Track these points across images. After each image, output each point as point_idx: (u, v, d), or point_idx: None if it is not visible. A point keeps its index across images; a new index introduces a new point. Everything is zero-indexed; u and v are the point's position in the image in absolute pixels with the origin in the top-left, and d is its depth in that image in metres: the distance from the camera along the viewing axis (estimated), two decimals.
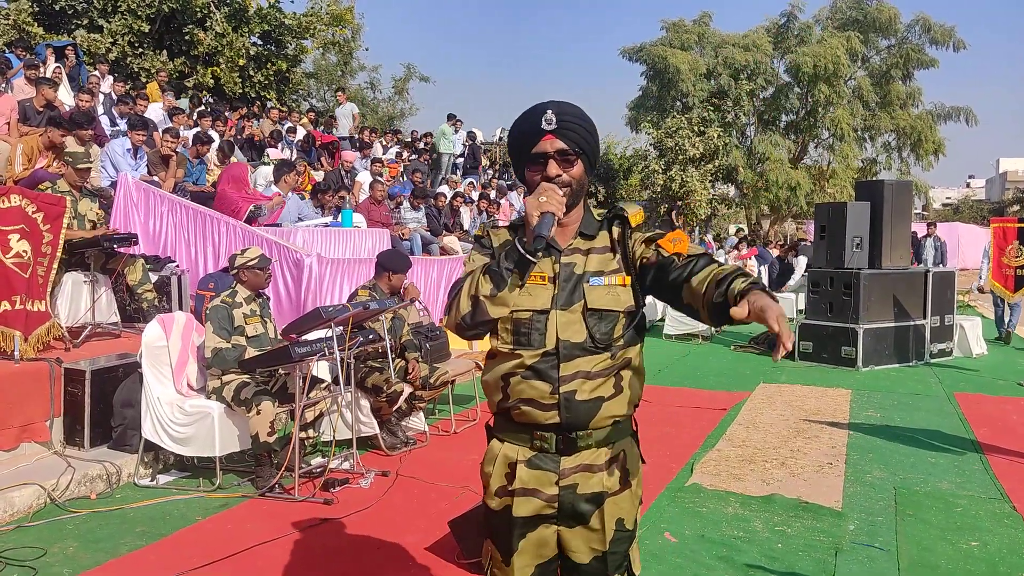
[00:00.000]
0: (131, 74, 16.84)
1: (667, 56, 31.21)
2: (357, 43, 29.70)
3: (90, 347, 6.03)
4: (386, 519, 4.62)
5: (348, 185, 13.01)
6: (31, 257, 5.54)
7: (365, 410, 5.93)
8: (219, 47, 18.30)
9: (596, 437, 2.21)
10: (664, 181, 29.94)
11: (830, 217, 10.46)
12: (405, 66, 36.00)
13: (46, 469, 4.89)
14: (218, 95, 18.35)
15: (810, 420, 7.09)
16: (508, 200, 17.28)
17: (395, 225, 11.69)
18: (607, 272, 2.23)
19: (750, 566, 4.01)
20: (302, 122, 16.61)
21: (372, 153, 15.91)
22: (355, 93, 32.64)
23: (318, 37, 22.54)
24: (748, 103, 32.29)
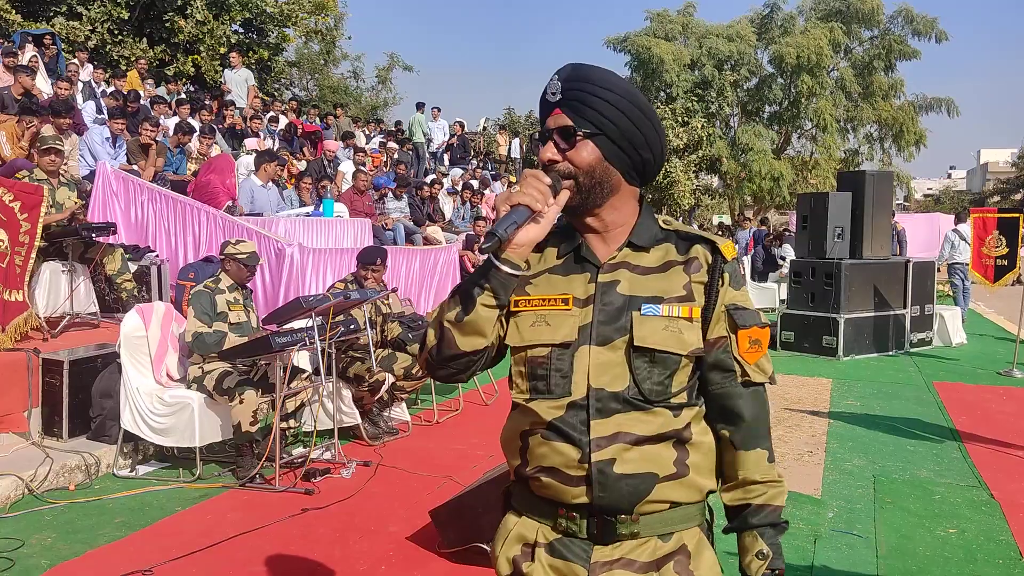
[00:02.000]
0: (111, 62, 16.65)
1: (651, 46, 31.20)
2: (340, 31, 29.51)
3: (68, 337, 5.98)
4: (367, 509, 4.61)
5: (330, 175, 12.95)
6: (8, 246, 5.48)
7: (347, 400, 5.92)
8: (200, 35, 18.13)
9: (646, 523, 1.60)
10: None
11: (812, 207, 10.51)
12: (388, 55, 35.74)
13: (24, 460, 4.85)
14: (198, 83, 18.18)
15: (791, 409, 7.13)
16: (492, 190, 17.25)
17: (378, 215, 11.65)
18: (667, 299, 1.61)
19: (730, 553, 4.02)
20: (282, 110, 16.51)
21: (355, 143, 15.83)
22: (338, 82, 32.45)
23: (300, 25, 22.37)
24: (732, 94, 32.36)
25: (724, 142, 31.90)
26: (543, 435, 1.62)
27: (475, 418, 6.83)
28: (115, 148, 9.06)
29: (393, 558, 3.96)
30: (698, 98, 31.08)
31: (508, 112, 35.54)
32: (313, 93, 31.06)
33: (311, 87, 31.87)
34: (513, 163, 23.27)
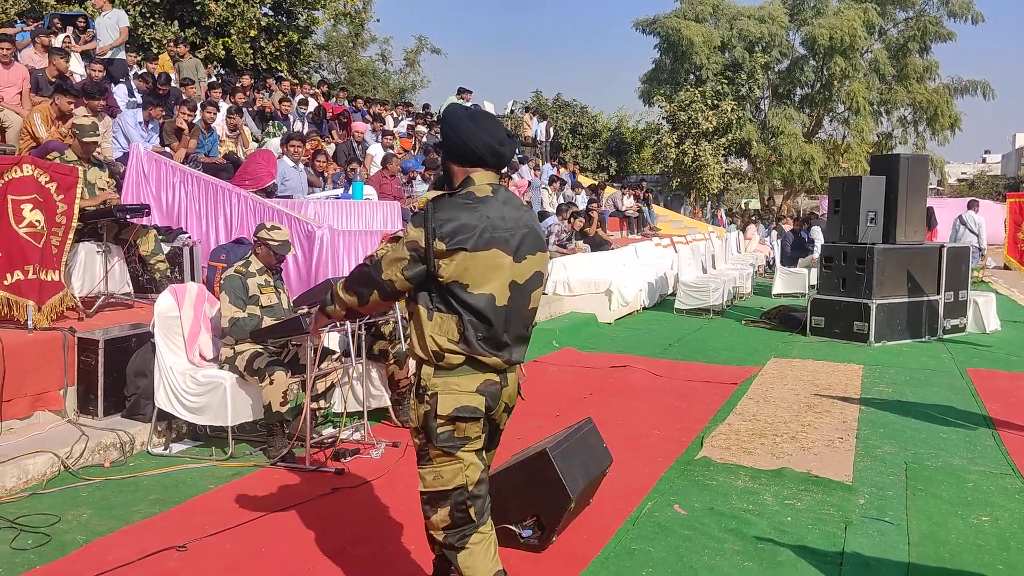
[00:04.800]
0: (142, 44, 16.78)
1: (681, 28, 30.91)
2: (368, 14, 29.53)
3: (103, 317, 6.07)
4: (396, 490, 4.65)
5: (359, 157, 12.98)
6: (45, 227, 5.55)
7: (376, 381, 5.96)
8: (230, 17, 18.21)
9: None
10: (676, 155, 29.79)
11: (844, 191, 10.37)
12: (416, 38, 35.72)
13: (60, 437, 4.94)
14: (229, 66, 18.28)
15: (821, 395, 7.07)
16: (520, 174, 17.20)
17: (406, 198, 11.67)
18: None
19: (759, 539, 4.02)
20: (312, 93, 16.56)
21: (383, 126, 15.85)
22: (367, 65, 32.47)
23: (329, 8, 22.39)
24: (762, 76, 32.01)
25: (754, 125, 31.59)
26: None
27: None
28: (148, 131, 9.14)
29: (423, 538, 3.96)
30: (728, 80, 30.78)
31: (536, 95, 35.37)
32: (342, 76, 31.13)
33: (340, 70, 31.93)
34: (540, 146, 23.17)
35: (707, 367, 8.34)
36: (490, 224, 2.69)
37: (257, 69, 19.04)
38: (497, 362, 2.79)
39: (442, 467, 2.78)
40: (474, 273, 2.67)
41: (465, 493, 2.78)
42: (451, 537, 2.81)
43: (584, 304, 11.39)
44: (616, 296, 11.42)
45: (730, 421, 6.16)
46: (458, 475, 2.77)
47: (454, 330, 2.70)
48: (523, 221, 2.82)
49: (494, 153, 2.75)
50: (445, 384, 2.73)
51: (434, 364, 2.73)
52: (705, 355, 9.04)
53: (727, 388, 7.32)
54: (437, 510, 2.81)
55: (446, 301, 2.70)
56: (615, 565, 3.72)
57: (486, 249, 2.67)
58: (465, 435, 2.76)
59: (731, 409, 6.54)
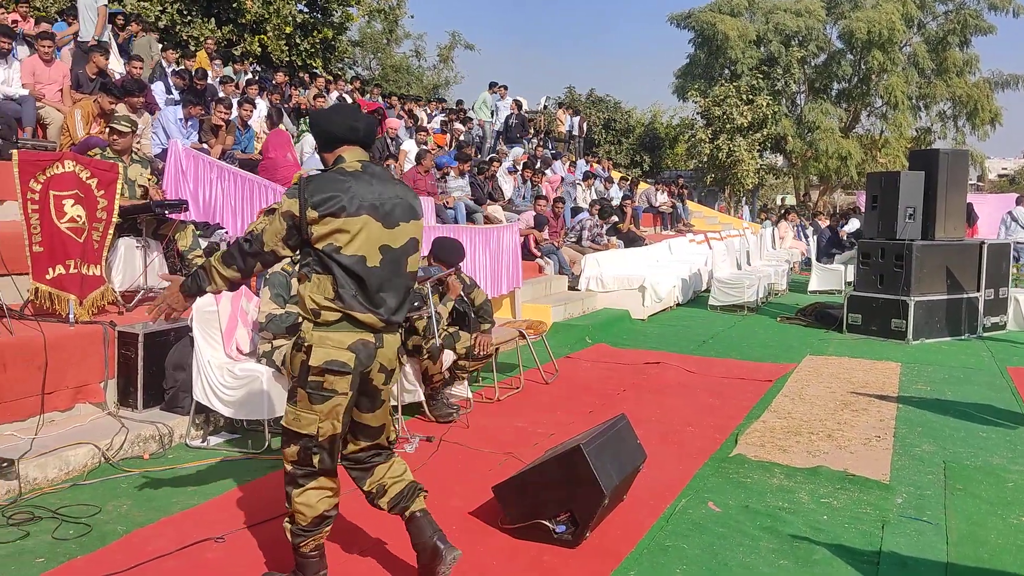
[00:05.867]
0: (180, 42, 17.00)
1: (716, 23, 30.65)
2: (402, 10, 29.63)
3: (142, 311, 6.15)
4: (430, 483, 4.62)
5: (393, 153, 13.04)
6: (86, 222, 5.65)
7: (410, 376, 5.99)
8: (266, 15, 18.38)
9: None
10: (711, 150, 29.57)
11: (883, 187, 10.22)
12: (450, 34, 35.81)
13: (100, 429, 5.02)
14: (265, 63, 18.46)
15: (858, 393, 6.99)
16: (553, 170, 17.18)
17: (440, 194, 11.71)
18: None
19: (795, 537, 3.99)
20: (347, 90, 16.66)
21: (417, 122, 15.91)
22: (401, 61, 32.58)
23: (364, 4, 22.51)
24: (799, 70, 31.66)
25: (790, 120, 31.25)
26: None
27: (536, 397, 6.85)
28: (187, 127, 9.27)
29: (456, 532, 4.01)
30: (763, 75, 30.46)
31: (569, 90, 35.29)
32: (376, 72, 31.28)
33: (373, 66, 32.08)
34: (573, 141, 23.10)
35: (741, 364, 8.28)
36: (358, 193, 3.04)
37: (292, 66, 19.20)
38: (372, 320, 3.10)
39: (302, 412, 3.11)
40: (345, 237, 3.01)
41: (313, 442, 3.11)
42: (296, 470, 3.16)
43: (617, 300, 11.35)
44: (650, 292, 11.37)
45: (765, 418, 6.11)
46: (311, 425, 3.10)
47: (329, 289, 3.04)
48: (394, 193, 3.18)
49: (350, 129, 3.17)
50: (320, 339, 3.06)
51: (313, 320, 3.07)
52: (739, 352, 8.97)
53: (762, 385, 7.26)
54: (290, 445, 3.17)
55: (322, 263, 3.04)
56: (649, 562, 3.71)
57: (356, 215, 3.02)
58: (333, 388, 3.07)
59: (766, 406, 6.49)
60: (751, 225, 23.14)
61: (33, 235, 5.38)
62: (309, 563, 3.28)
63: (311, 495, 3.19)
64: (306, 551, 3.25)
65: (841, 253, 15.07)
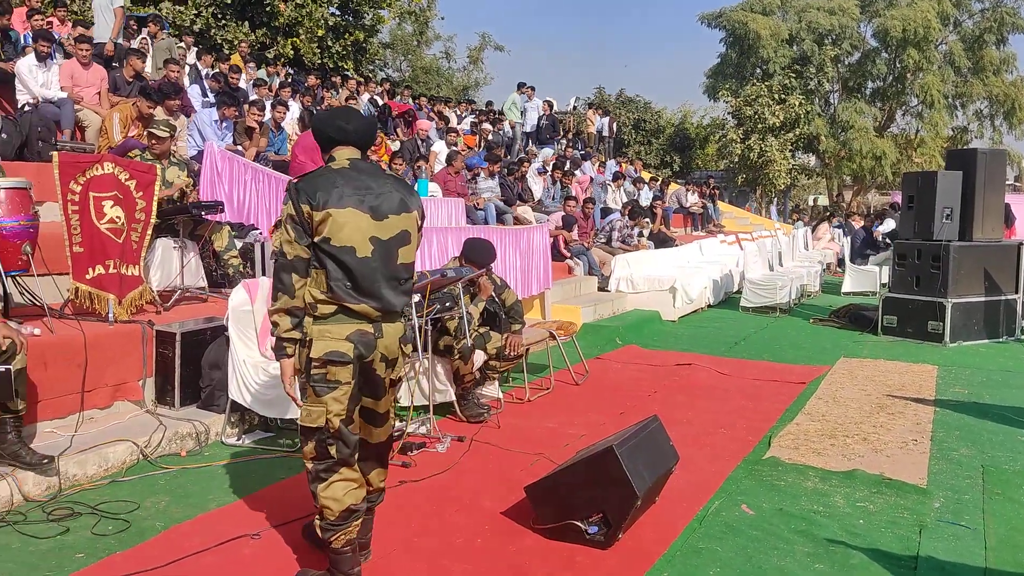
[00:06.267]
0: (214, 45, 17.21)
1: (747, 21, 30.41)
2: (433, 12, 29.74)
3: (179, 311, 6.25)
4: (462, 483, 4.69)
5: (424, 154, 13.10)
6: (125, 223, 5.74)
7: (441, 376, 6.02)
8: (299, 18, 18.55)
9: None
10: (742, 150, 29.36)
11: (919, 187, 10.08)
12: (480, 35, 35.87)
13: (139, 426, 5.10)
14: (297, 66, 18.62)
15: (894, 396, 6.90)
16: (583, 171, 17.15)
17: (470, 195, 11.74)
18: None
19: (831, 541, 3.95)
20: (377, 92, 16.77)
21: (447, 123, 15.97)
22: (431, 63, 32.70)
23: (395, 7, 22.63)
24: (832, 69, 31.32)
25: (823, 120, 30.92)
26: None
27: (566, 397, 6.85)
28: (222, 129, 9.38)
29: (488, 532, 4.02)
30: (796, 74, 30.16)
31: (599, 91, 35.20)
32: (406, 74, 31.43)
33: (404, 68, 32.23)
34: (603, 142, 23.05)
35: (774, 366, 8.21)
36: (343, 188, 3.17)
37: (324, 68, 19.36)
38: (367, 309, 3.21)
39: (312, 407, 3.22)
40: (334, 228, 3.13)
41: (326, 433, 3.22)
42: (317, 466, 3.27)
43: (648, 301, 11.31)
44: (680, 293, 11.32)
45: (799, 421, 6.06)
46: (321, 417, 3.21)
47: (323, 283, 3.17)
48: (385, 187, 3.30)
49: (340, 130, 3.30)
50: (320, 332, 3.18)
51: (312, 315, 3.19)
52: (772, 354, 8.89)
53: (795, 387, 7.19)
54: (307, 442, 3.28)
55: (318, 258, 3.18)
56: (682, 564, 3.70)
57: (342, 208, 3.15)
58: (336, 379, 3.18)
59: (799, 409, 6.43)
60: (783, 226, 22.94)
61: (73, 236, 5.48)
62: (342, 559, 3.32)
63: (336, 488, 3.27)
64: (338, 547, 3.30)
65: (876, 254, 14.88)
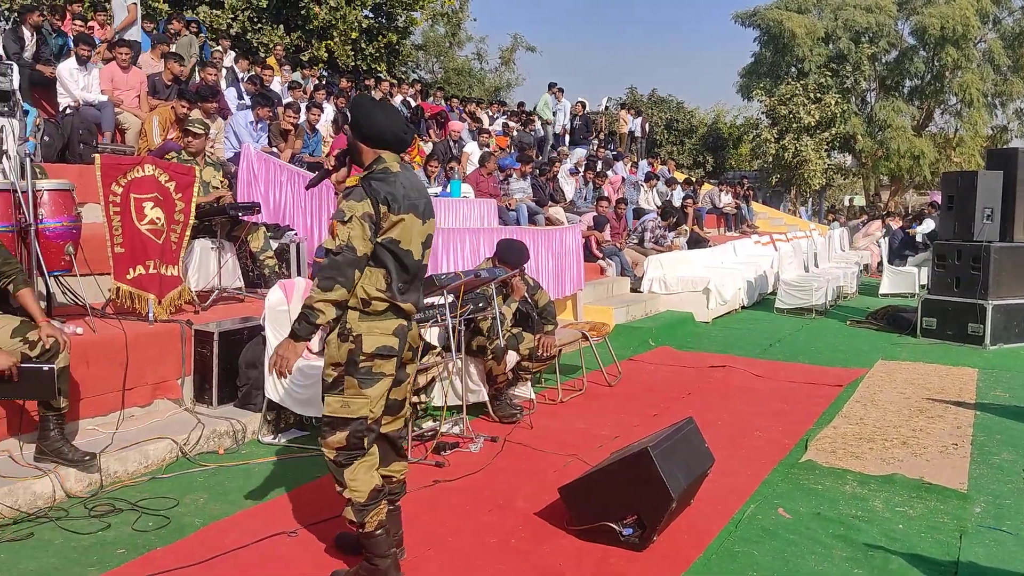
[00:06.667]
0: (250, 49, 17.40)
1: (782, 20, 30.11)
2: (465, 13, 29.82)
3: (217, 310, 6.33)
4: (495, 483, 4.70)
5: (456, 156, 13.14)
6: (164, 224, 5.83)
7: (474, 376, 6.03)
8: (333, 20, 18.69)
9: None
10: (776, 150, 29.08)
11: (959, 187, 9.91)
12: (512, 36, 35.92)
13: (178, 424, 5.17)
14: (331, 68, 18.77)
15: (933, 399, 6.79)
16: (615, 171, 17.10)
17: (503, 196, 11.75)
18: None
19: (870, 546, 3.90)
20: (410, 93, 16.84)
21: (479, 124, 16.00)
22: (463, 64, 32.79)
23: (427, 8, 22.71)
24: (869, 68, 30.92)
25: (860, 119, 30.53)
26: None
27: (599, 399, 6.83)
28: (257, 131, 9.48)
29: (522, 532, 4.03)
30: (832, 73, 29.81)
31: (631, 91, 35.06)
32: (438, 75, 31.55)
33: (436, 69, 32.36)
34: (636, 142, 22.95)
35: (810, 368, 8.13)
36: (405, 193, 3.29)
37: (357, 70, 19.49)
38: (411, 308, 3.38)
39: (351, 398, 3.25)
40: (404, 231, 3.27)
41: (364, 424, 3.28)
42: (341, 456, 3.30)
43: (681, 302, 11.24)
44: (714, 294, 11.23)
45: (836, 424, 5.99)
46: (364, 408, 3.27)
47: (381, 281, 3.26)
48: (423, 191, 3.45)
49: (399, 140, 3.39)
50: (369, 327, 3.26)
51: (360, 310, 3.25)
52: (808, 356, 8.80)
53: (831, 390, 7.11)
54: (335, 433, 3.29)
55: (378, 257, 3.25)
56: (717, 567, 3.68)
57: (407, 213, 3.28)
58: (381, 371, 3.27)
59: (836, 412, 6.35)
60: (818, 226, 22.69)
61: (115, 236, 5.57)
62: (377, 542, 3.36)
63: (360, 469, 3.32)
64: (371, 529, 3.35)
65: (914, 255, 14.66)
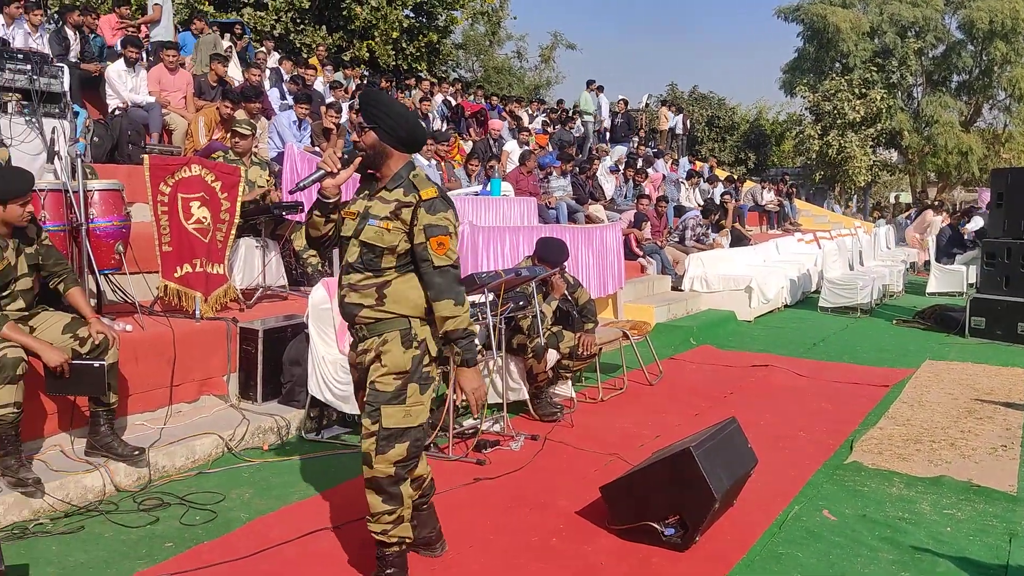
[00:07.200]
0: (293, 49, 17.61)
1: (826, 14, 29.68)
2: (505, 12, 29.84)
3: (261, 308, 6.42)
4: (536, 482, 4.71)
5: (496, 154, 13.16)
6: (211, 223, 5.93)
7: (515, 375, 6.04)
8: (374, 20, 18.83)
9: (366, 331, 3.22)
10: (820, 147, 28.69)
11: (1009, 183, 9.69)
12: (552, 34, 35.86)
13: (223, 420, 5.25)
14: (372, 68, 18.92)
15: (982, 400, 6.66)
16: (655, 168, 16.99)
17: (542, 194, 11.75)
18: (381, 217, 3.13)
19: (917, 549, 3.84)
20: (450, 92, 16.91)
21: (519, 123, 16.02)
22: (503, 63, 32.83)
23: (467, 7, 22.77)
24: (915, 62, 30.35)
25: (906, 114, 29.99)
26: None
27: (640, 397, 6.81)
28: (300, 131, 9.59)
29: (563, 531, 4.03)
30: (877, 68, 29.32)
31: (671, 87, 34.82)
32: (478, 74, 31.62)
33: (476, 68, 32.43)
34: (677, 139, 22.79)
35: (855, 368, 8.01)
36: None
37: (398, 70, 19.62)
38: None
39: (413, 406, 3.21)
40: None
41: (422, 430, 3.28)
42: (401, 470, 3.22)
43: (722, 301, 11.14)
44: (757, 293, 11.11)
45: (882, 425, 5.90)
46: (422, 414, 3.25)
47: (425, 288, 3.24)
48: None
49: (423, 143, 3.51)
50: (431, 333, 3.27)
51: (421, 317, 3.23)
52: (852, 356, 8.67)
53: (877, 391, 7.00)
54: (395, 445, 3.19)
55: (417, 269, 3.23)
56: (761, 569, 3.64)
57: None
58: (433, 376, 3.31)
59: (883, 413, 6.25)
60: (863, 224, 22.33)
61: (163, 235, 5.68)
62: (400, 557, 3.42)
63: (407, 486, 3.30)
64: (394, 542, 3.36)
65: (962, 253, 14.37)
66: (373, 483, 3.23)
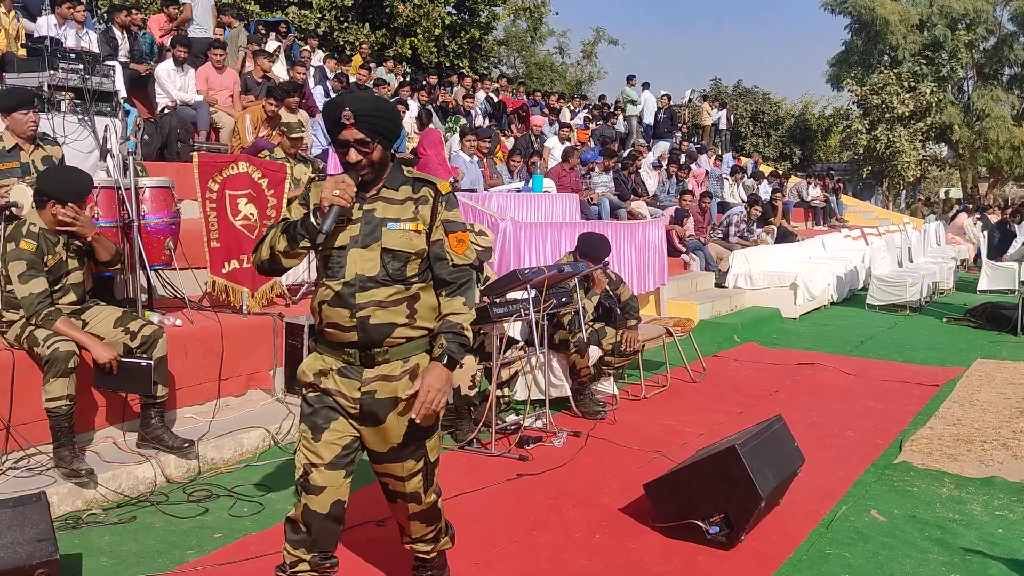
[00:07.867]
0: (336, 47, 17.78)
1: (874, 7, 29.14)
2: (547, 8, 29.76)
3: (306, 304, 6.46)
4: (579, 478, 4.70)
5: (538, 150, 13.15)
6: (257, 220, 6.01)
7: (557, 371, 6.03)
8: (416, 18, 18.93)
9: (392, 354, 2.71)
10: (868, 141, 28.20)
11: None
12: (594, 30, 35.73)
13: (269, 414, 5.33)
14: (415, 65, 19.02)
15: None
16: (698, 164, 16.84)
17: (584, 190, 11.71)
18: (403, 219, 2.70)
19: (967, 551, 3.76)
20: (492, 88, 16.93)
21: (560, 118, 15.98)
22: (545, 59, 32.79)
23: (509, 3, 22.78)
24: (966, 55, 29.68)
25: (956, 108, 29.35)
26: (330, 302, 2.68)
27: (683, 395, 6.76)
28: None
29: (607, 528, 4.02)
30: (927, 61, 28.74)
31: (715, 82, 34.46)
32: (520, 70, 31.63)
33: (518, 64, 32.44)
34: (720, 135, 22.56)
35: (903, 367, 7.86)
36: None
37: (441, 66, 19.69)
38: None
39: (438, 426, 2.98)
40: None
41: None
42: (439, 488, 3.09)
43: (767, 298, 11.02)
44: (802, 290, 10.97)
45: (932, 425, 5.79)
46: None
47: None
48: None
49: None
50: None
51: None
52: (901, 354, 8.51)
53: (927, 390, 6.87)
54: (436, 471, 3.04)
55: None
56: (808, 569, 3.60)
57: None
58: None
59: (932, 412, 6.14)
60: (912, 220, 21.91)
61: (211, 232, 5.77)
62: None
63: None
64: None
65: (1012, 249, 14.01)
66: (422, 516, 3.03)
